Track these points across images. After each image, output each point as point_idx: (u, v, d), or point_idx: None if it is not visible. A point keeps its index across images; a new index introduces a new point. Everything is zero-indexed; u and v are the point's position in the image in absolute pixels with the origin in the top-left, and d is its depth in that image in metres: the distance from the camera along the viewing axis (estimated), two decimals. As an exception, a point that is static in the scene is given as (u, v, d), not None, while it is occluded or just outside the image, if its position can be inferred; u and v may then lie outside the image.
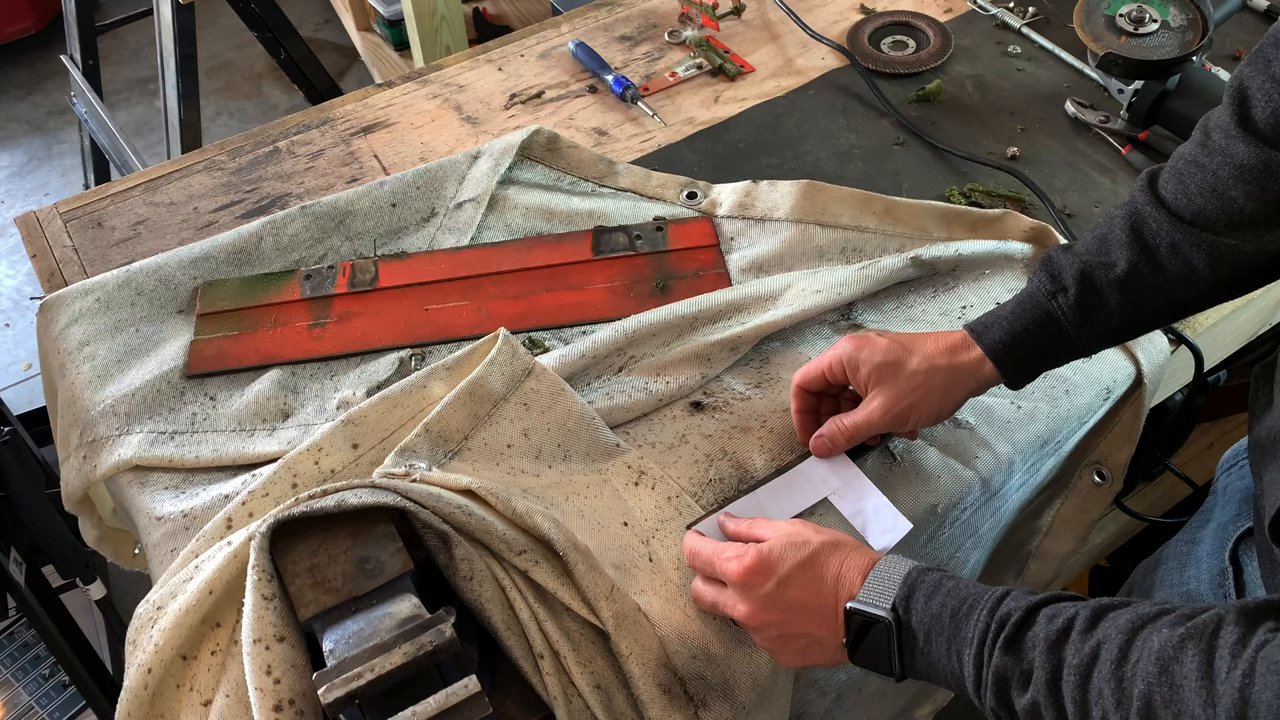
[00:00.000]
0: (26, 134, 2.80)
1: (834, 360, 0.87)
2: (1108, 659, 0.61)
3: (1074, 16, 1.18)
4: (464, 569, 0.75)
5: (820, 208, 1.09)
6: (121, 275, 1.04)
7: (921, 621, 0.70)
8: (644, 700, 0.76)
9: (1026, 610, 0.66)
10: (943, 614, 0.69)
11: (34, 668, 1.59)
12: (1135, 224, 0.81)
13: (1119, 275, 0.81)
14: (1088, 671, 0.62)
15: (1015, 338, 0.84)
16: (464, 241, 1.10)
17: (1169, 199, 0.80)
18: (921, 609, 0.70)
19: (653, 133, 1.24)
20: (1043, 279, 0.84)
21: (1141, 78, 1.15)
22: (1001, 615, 0.67)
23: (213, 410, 0.96)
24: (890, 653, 0.71)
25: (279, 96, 2.86)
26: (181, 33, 1.84)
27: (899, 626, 0.71)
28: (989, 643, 0.66)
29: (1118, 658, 0.61)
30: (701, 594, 0.80)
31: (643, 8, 1.43)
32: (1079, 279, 0.82)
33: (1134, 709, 0.59)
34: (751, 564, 0.76)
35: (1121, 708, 0.60)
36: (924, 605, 0.70)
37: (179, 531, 0.87)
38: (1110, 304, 0.82)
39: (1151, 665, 0.59)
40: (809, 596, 0.75)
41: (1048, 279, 0.83)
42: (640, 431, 0.93)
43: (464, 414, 0.88)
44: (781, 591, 0.75)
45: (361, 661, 0.67)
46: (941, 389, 0.84)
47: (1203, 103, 1.13)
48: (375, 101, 1.29)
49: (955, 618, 0.69)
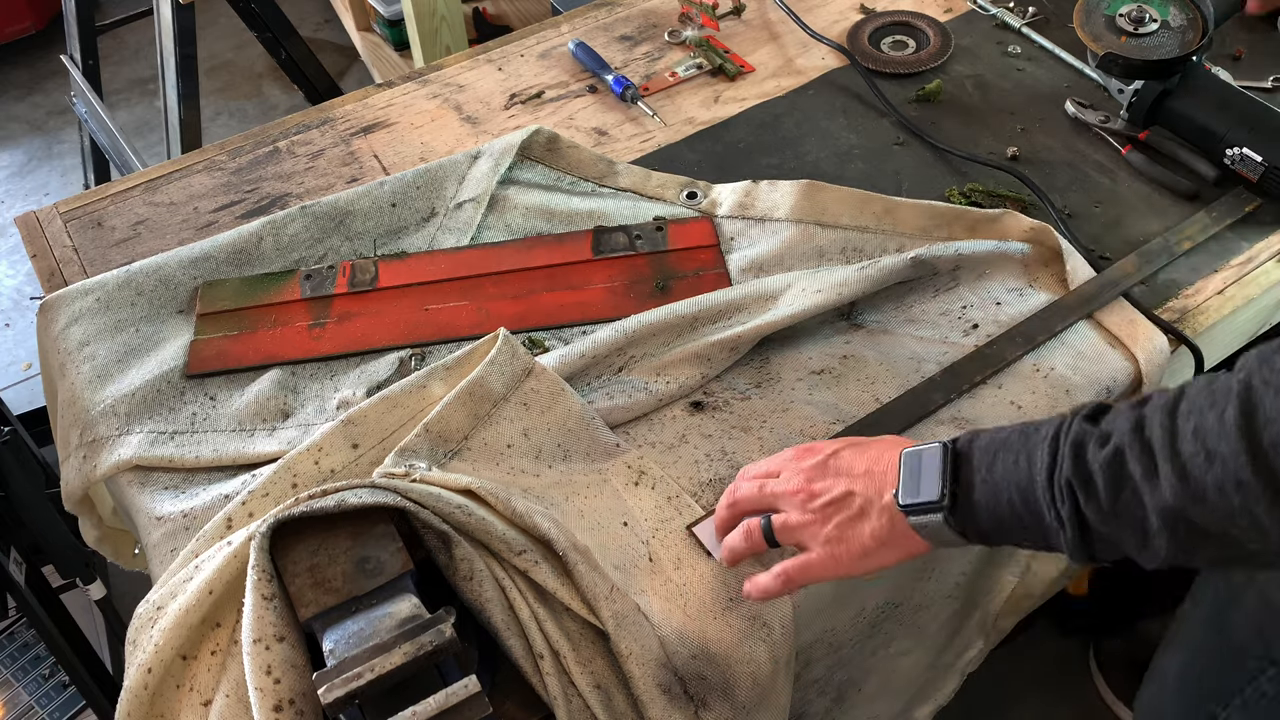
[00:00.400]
0: (26, 134, 2.80)
1: None
2: (1197, 384, 0.61)
3: (1074, 16, 1.18)
4: (464, 569, 0.75)
5: (820, 208, 1.09)
6: (121, 275, 1.04)
7: (986, 449, 0.70)
8: (644, 700, 0.76)
9: (1103, 403, 0.67)
10: (1010, 436, 0.69)
11: (34, 668, 1.59)
12: None
13: None
14: (1175, 402, 0.61)
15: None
16: (464, 241, 1.10)
17: None
18: (986, 441, 0.70)
19: (653, 133, 1.24)
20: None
21: (1141, 78, 1.15)
22: (1075, 409, 0.67)
23: (213, 410, 0.96)
24: (942, 477, 0.70)
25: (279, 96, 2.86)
26: (181, 33, 1.84)
27: (956, 456, 0.70)
28: (1065, 427, 0.66)
29: (1207, 379, 0.61)
30: (735, 537, 0.80)
31: (643, 8, 1.43)
32: None
33: (1233, 396, 0.58)
34: (800, 448, 0.79)
35: (1216, 405, 0.58)
36: (989, 439, 0.70)
37: (179, 531, 0.87)
38: None
39: (1250, 361, 0.58)
40: (860, 461, 0.76)
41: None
42: (640, 431, 0.93)
43: (464, 414, 0.88)
44: (831, 460, 0.77)
45: (361, 661, 0.67)
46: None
47: (1202, 102, 1.13)
48: (375, 101, 1.29)
49: (1024, 433, 0.69)
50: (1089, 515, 0.64)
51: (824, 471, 0.77)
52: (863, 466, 0.76)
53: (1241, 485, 0.57)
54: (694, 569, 0.83)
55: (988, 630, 1.10)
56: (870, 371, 0.97)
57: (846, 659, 0.96)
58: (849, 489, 0.75)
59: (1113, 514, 0.63)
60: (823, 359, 0.98)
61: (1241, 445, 0.57)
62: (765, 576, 0.77)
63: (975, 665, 1.14)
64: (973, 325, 1.01)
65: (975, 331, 1.00)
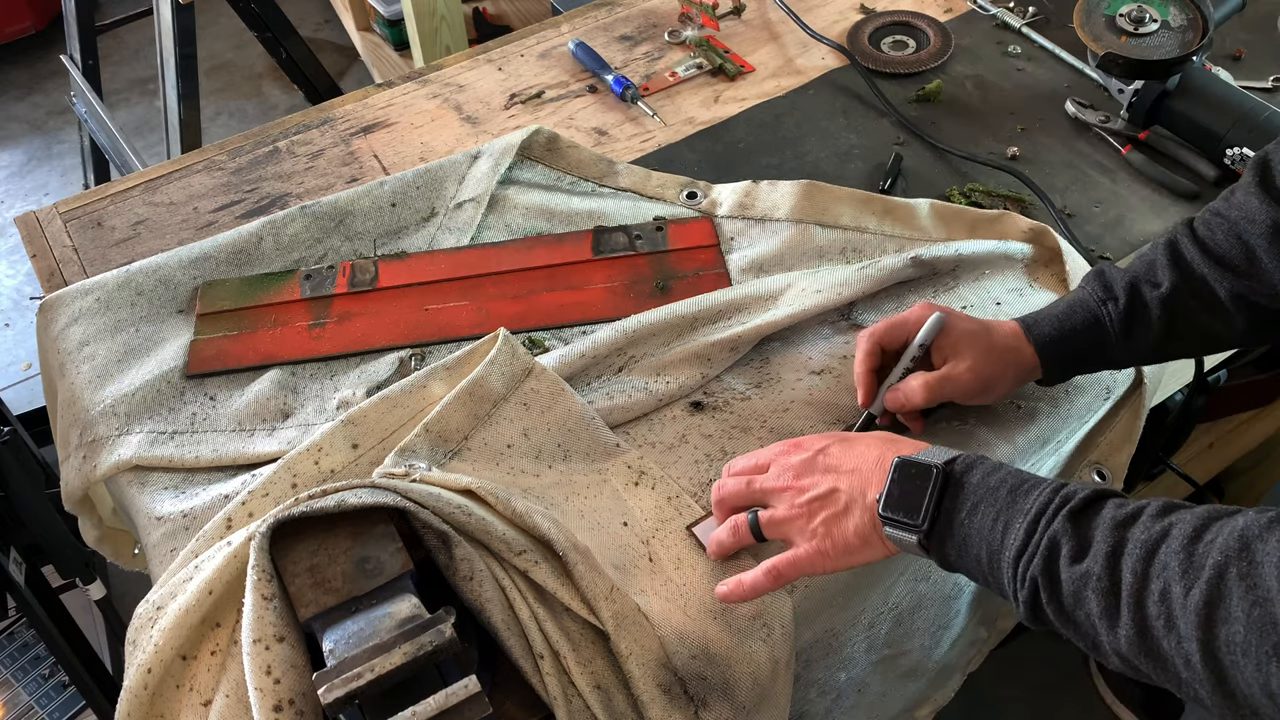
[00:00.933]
0: (26, 134, 2.80)
1: (919, 319, 0.88)
2: (1180, 536, 0.59)
3: (1074, 17, 1.18)
4: (464, 569, 0.75)
5: (820, 208, 1.09)
6: (121, 275, 1.04)
7: (975, 489, 0.69)
8: (644, 700, 0.76)
9: (1094, 494, 0.65)
10: (1000, 488, 0.69)
11: (34, 668, 1.60)
12: (1174, 252, 0.87)
13: (1163, 294, 0.86)
14: (1155, 546, 0.59)
15: (1063, 336, 0.87)
16: (464, 241, 1.10)
17: (1202, 237, 0.87)
18: (979, 480, 0.70)
19: (653, 133, 1.24)
20: (1095, 287, 0.88)
21: (1142, 77, 1.15)
22: (1066, 494, 0.66)
23: (213, 410, 0.96)
24: (927, 501, 0.70)
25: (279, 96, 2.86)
26: (181, 33, 1.84)
27: (946, 481, 0.70)
28: (1049, 513, 0.65)
29: (1191, 535, 0.59)
30: (721, 532, 0.81)
31: (643, 8, 1.43)
32: (1128, 290, 0.87)
33: (1203, 578, 0.56)
34: (788, 443, 0.81)
35: (1187, 577, 0.57)
36: (982, 478, 0.70)
37: (179, 531, 0.87)
38: (1152, 318, 0.86)
39: (1232, 540, 0.56)
40: (848, 459, 0.77)
41: (1100, 287, 0.88)
42: (640, 431, 0.93)
43: (464, 414, 0.88)
44: (819, 457, 0.78)
45: (361, 661, 0.67)
46: (1014, 369, 0.88)
47: (1202, 103, 1.13)
48: (375, 101, 1.29)
49: (1014, 492, 0.68)
50: (1047, 610, 0.65)
51: (811, 468, 0.78)
52: (850, 464, 0.77)
53: (1190, 665, 0.57)
54: (694, 569, 0.83)
55: (988, 630, 1.10)
56: (870, 371, 0.97)
57: (846, 659, 0.96)
58: (835, 485, 0.76)
59: (1070, 622, 0.64)
60: (823, 359, 0.98)
61: (1197, 634, 0.56)
62: (754, 572, 0.78)
63: (975, 665, 1.14)
64: (973, 325, 1.01)
65: (975, 331, 1.00)
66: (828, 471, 0.77)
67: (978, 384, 0.87)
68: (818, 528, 0.76)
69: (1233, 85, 1.17)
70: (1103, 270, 0.89)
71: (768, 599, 0.81)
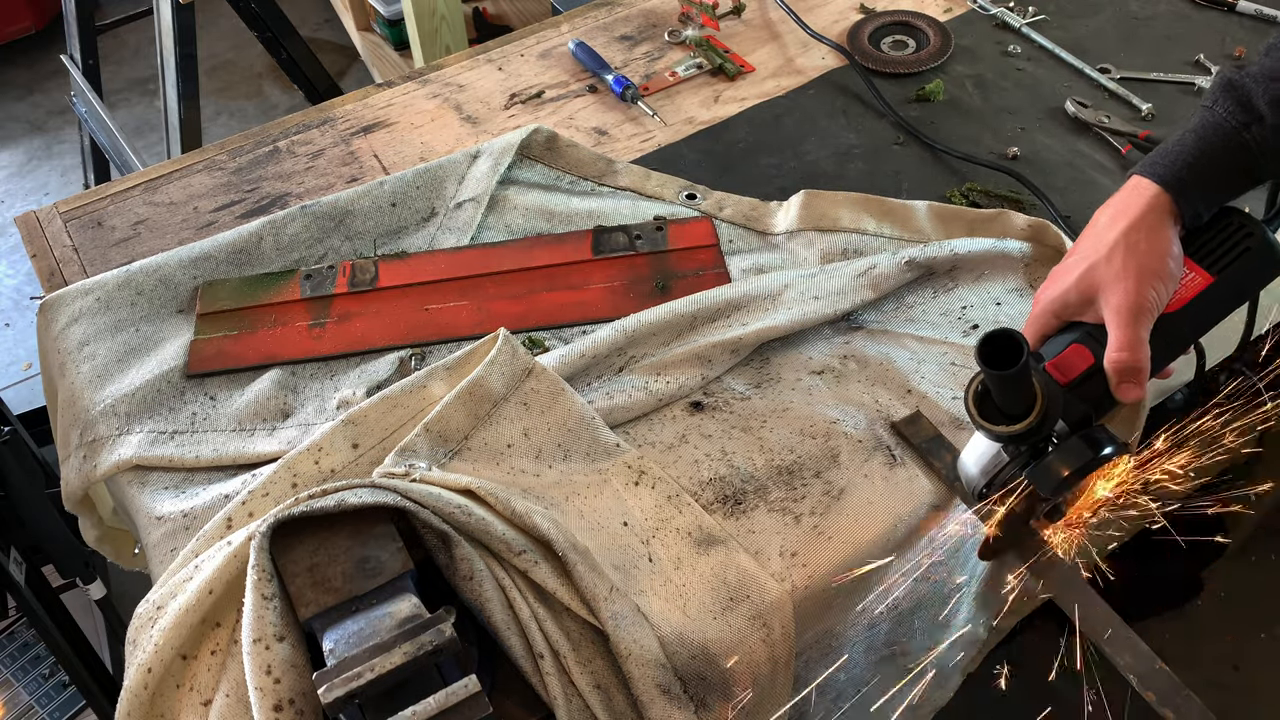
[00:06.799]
0: (26, 134, 2.80)
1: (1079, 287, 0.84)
2: None
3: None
4: (464, 569, 0.75)
5: (819, 213, 1.09)
6: (121, 275, 1.04)
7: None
8: (644, 700, 0.76)
9: None
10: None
11: (34, 668, 1.60)
12: None
13: None
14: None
15: (1199, 168, 0.81)
16: (464, 241, 1.10)
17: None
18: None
19: (653, 132, 1.24)
20: (1230, 108, 0.82)
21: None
22: None
23: (213, 410, 0.96)
24: None
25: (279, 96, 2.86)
26: (181, 33, 1.84)
27: None
28: None
29: None
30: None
31: (643, 7, 1.43)
32: (1274, 106, 0.81)
33: None
34: None
35: None
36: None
37: (179, 531, 0.87)
38: None
39: None
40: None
41: (1238, 109, 0.81)
42: (640, 431, 0.93)
43: (464, 414, 0.88)
44: None
45: (361, 661, 0.67)
46: (1146, 251, 0.82)
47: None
48: (375, 101, 1.29)
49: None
50: None
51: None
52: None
53: None
54: (694, 569, 0.83)
55: (988, 630, 1.10)
56: (870, 372, 0.97)
57: (846, 660, 0.96)
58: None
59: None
60: (823, 359, 0.98)
61: None
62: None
63: (975, 665, 1.14)
64: (973, 326, 1.01)
65: (975, 332, 1.00)
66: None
67: (1139, 290, 0.80)
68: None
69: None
70: (1231, 82, 0.82)
71: (768, 599, 0.81)
